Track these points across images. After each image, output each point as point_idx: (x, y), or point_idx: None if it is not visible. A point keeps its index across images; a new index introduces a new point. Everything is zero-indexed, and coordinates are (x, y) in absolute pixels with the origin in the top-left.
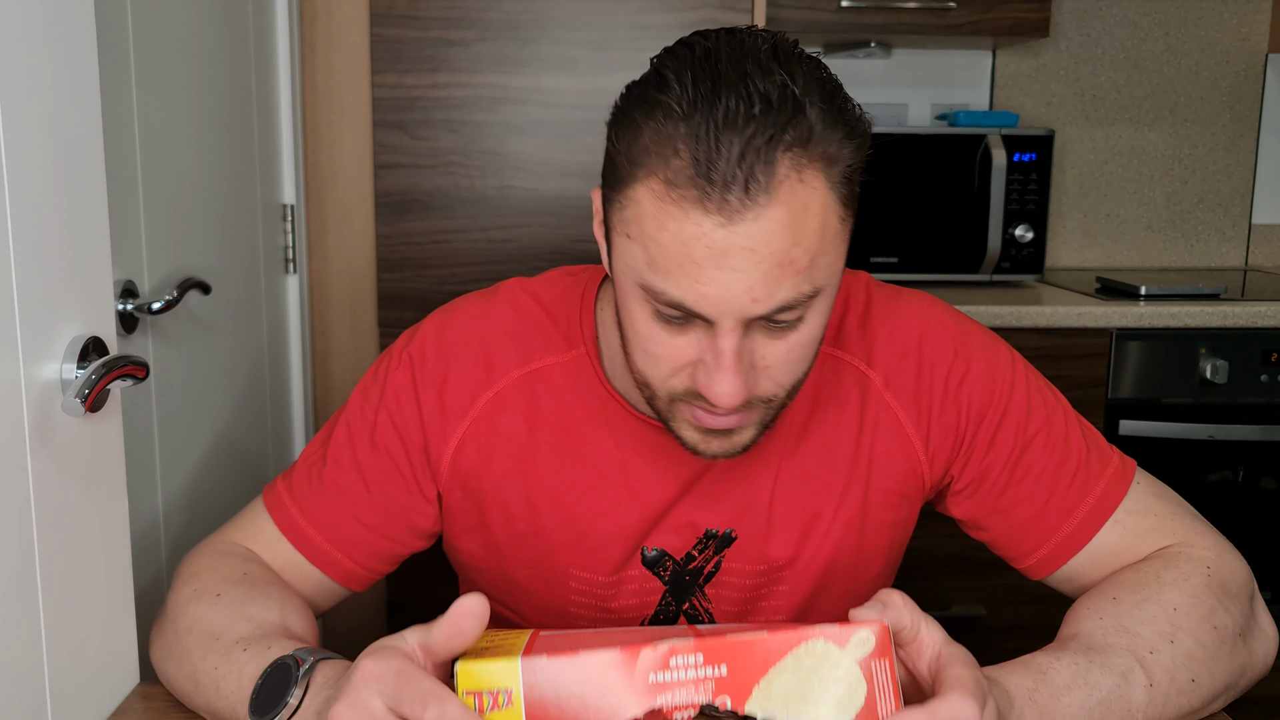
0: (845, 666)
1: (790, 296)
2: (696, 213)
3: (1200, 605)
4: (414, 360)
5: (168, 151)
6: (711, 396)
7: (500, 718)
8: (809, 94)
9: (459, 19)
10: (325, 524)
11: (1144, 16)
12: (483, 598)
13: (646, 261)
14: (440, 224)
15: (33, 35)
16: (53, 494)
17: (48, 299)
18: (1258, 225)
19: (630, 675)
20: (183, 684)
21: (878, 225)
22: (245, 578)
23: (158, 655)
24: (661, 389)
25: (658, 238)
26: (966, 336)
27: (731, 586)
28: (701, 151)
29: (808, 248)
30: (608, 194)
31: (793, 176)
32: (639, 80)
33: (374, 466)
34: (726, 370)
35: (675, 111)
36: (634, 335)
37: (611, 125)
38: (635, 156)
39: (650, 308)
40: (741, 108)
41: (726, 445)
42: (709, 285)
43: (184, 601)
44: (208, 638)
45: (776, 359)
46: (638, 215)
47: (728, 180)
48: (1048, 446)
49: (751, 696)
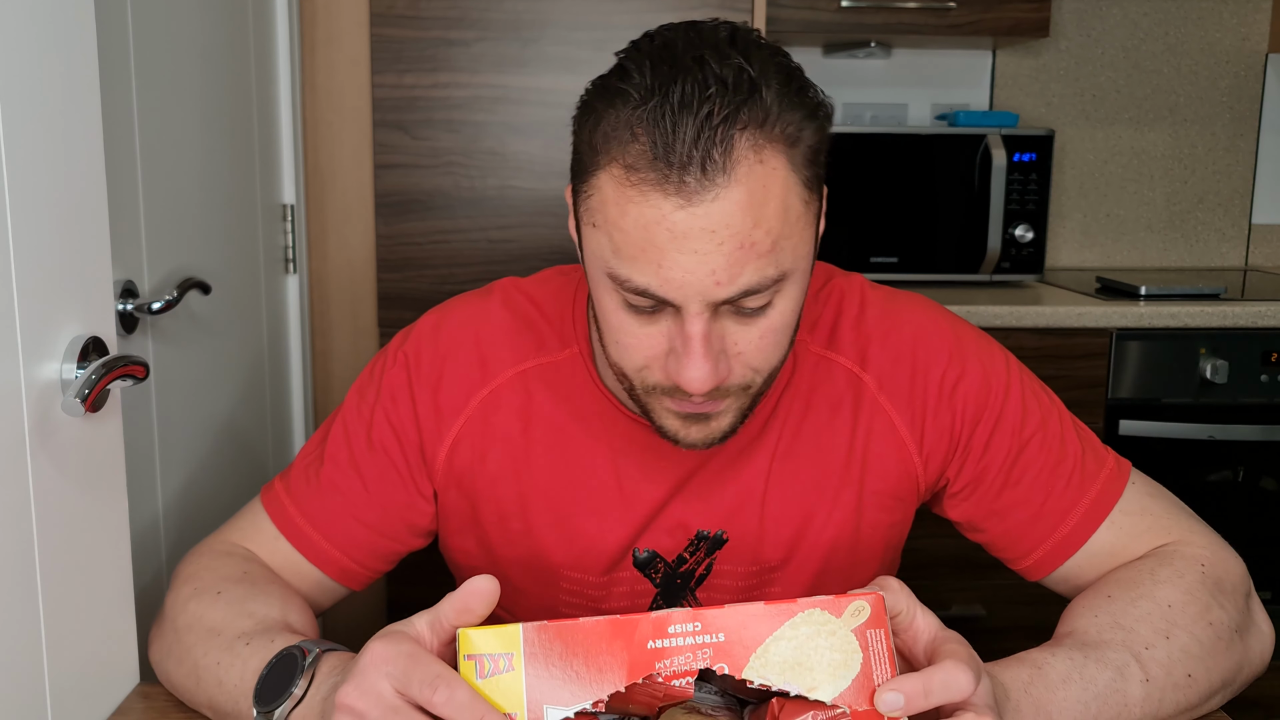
0: (841, 635)
1: (754, 280)
2: (656, 195)
3: (1195, 601)
4: (409, 359)
5: (168, 151)
6: (682, 383)
7: (501, 682)
8: (765, 76)
9: (459, 19)
10: (323, 523)
11: (1144, 16)
12: (494, 579)
13: (611, 249)
14: (440, 224)
15: (33, 35)
16: (53, 494)
17: (48, 299)
18: (1258, 225)
19: (629, 642)
20: (183, 681)
21: (878, 225)
22: (245, 576)
23: (157, 655)
24: (637, 379)
25: (620, 223)
26: (961, 339)
27: (723, 589)
28: (659, 134)
29: (769, 230)
30: (575, 186)
31: (750, 157)
32: (604, 74)
33: (371, 465)
34: (695, 355)
35: (633, 98)
36: (606, 327)
37: (576, 118)
38: (596, 145)
39: (619, 297)
40: (696, 90)
41: (705, 432)
42: (672, 269)
43: (184, 600)
44: (209, 634)
45: (749, 345)
46: (601, 203)
47: (685, 161)
48: (1043, 448)
49: (748, 664)
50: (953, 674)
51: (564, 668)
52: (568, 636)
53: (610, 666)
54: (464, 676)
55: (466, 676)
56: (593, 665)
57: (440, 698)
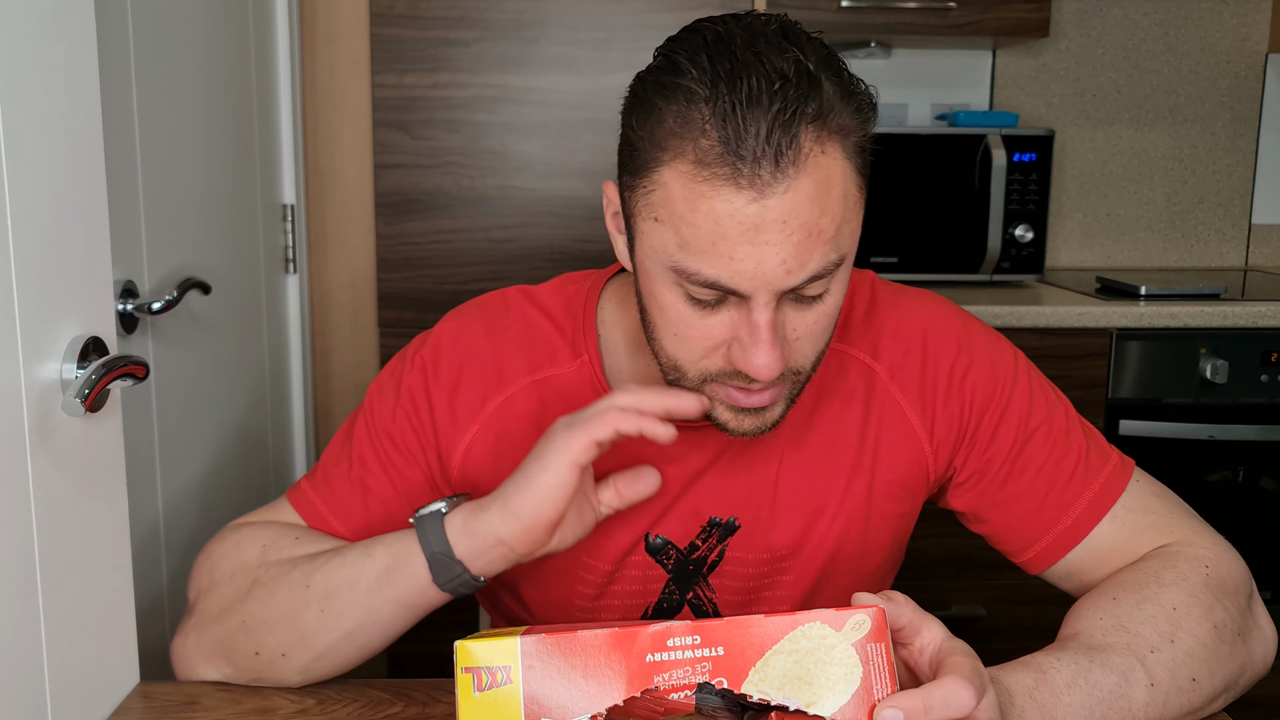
0: (841, 649)
1: (820, 266)
2: (729, 190)
3: (1199, 604)
4: (427, 364)
5: (168, 151)
6: (752, 371)
7: (498, 695)
8: (821, 70)
9: (459, 19)
10: (354, 521)
11: (1144, 16)
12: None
13: (678, 243)
14: (441, 224)
15: (33, 35)
16: (53, 494)
17: (48, 299)
18: (1258, 225)
19: (628, 655)
20: (285, 602)
21: (878, 225)
22: (306, 532)
23: (232, 596)
24: (694, 370)
25: (689, 218)
26: (970, 332)
27: (735, 576)
28: (730, 130)
29: (834, 217)
30: (629, 181)
31: (815, 149)
32: (652, 67)
33: (398, 465)
34: (764, 343)
35: (697, 93)
36: (663, 320)
37: (628, 113)
38: (660, 140)
39: (682, 291)
40: (763, 85)
41: (759, 422)
42: (744, 261)
43: (252, 557)
44: (307, 561)
45: (806, 330)
46: (666, 198)
47: (758, 156)
48: (1048, 441)
49: (748, 678)
50: (953, 690)
51: (562, 680)
52: (566, 648)
53: (609, 679)
54: (461, 690)
55: (464, 690)
56: (591, 678)
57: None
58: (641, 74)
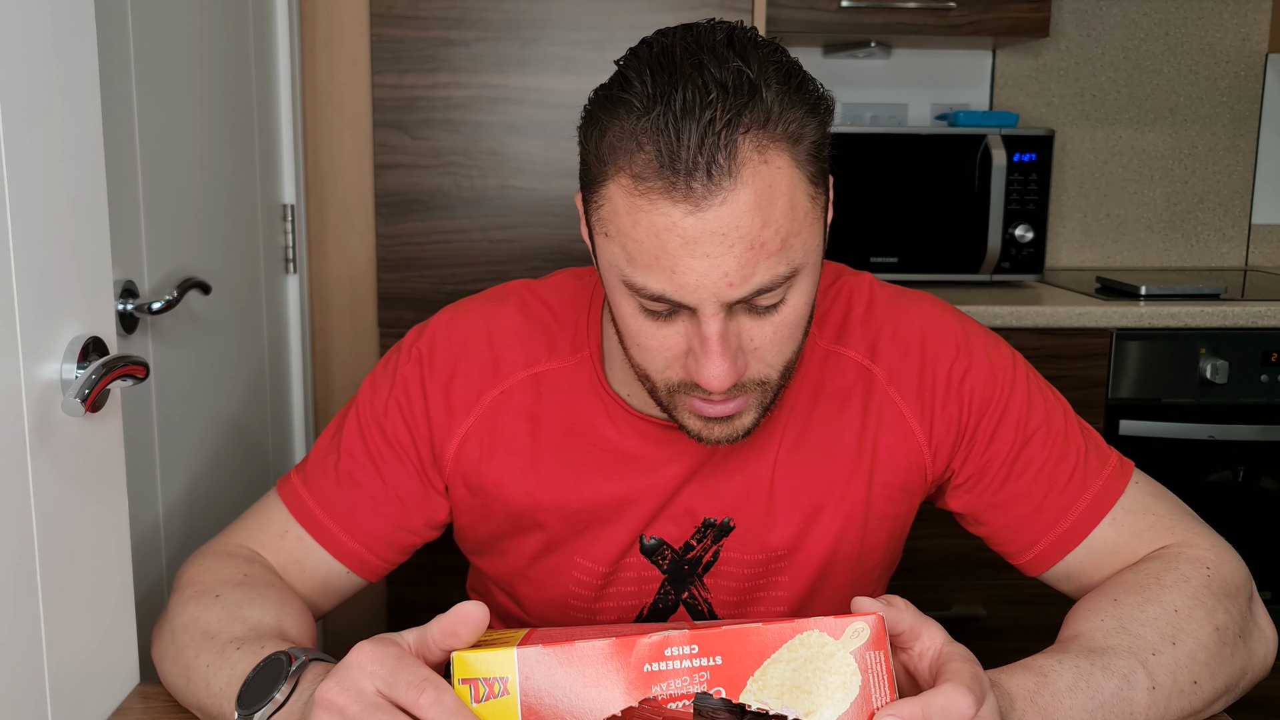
0: (840, 657)
1: (767, 279)
2: (664, 203)
3: (1201, 606)
4: (423, 356)
5: (168, 151)
6: (703, 381)
7: (495, 706)
8: (764, 77)
9: (459, 19)
10: (341, 515)
11: (1144, 16)
12: (483, 606)
13: (625, 258)
14: (440, 224)
15: (33, 35)
16: (53, 494)
17: (48, 299)
18: (1258, 225)
19: (625, 664)
20: (176, 680)
21: (878, 225)
22: (245, 580)
23: (157, 654)
24: (660, 380)
25: (632, 233)
26: (969, 334)
27: (731, 576)
28: (663, 143)
29: (778, 229)
30: (586, 196)
31: (755, 158)
32: (605, 83)
33: (387, 458)
34: (713, 354)
35: (636, 108)
36: (626, 331)
37: (582, 129)
38: (604, 155)
39: (635, 303)
40: (697, 97)
41: (729, 430)
42: (685, 274)
43: (183, 602)
44: (202, 636)
45: (764, 340)
46: (612, 213)
47: (690, 168)
48: (1047, 443)
49: (746, 687)
50: (953, 698)
51: (560, 691)
52: (564, 659)
53: (607, 689)
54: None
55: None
56: (589, 688)
57: (427, 699)
58: (597, 88)
